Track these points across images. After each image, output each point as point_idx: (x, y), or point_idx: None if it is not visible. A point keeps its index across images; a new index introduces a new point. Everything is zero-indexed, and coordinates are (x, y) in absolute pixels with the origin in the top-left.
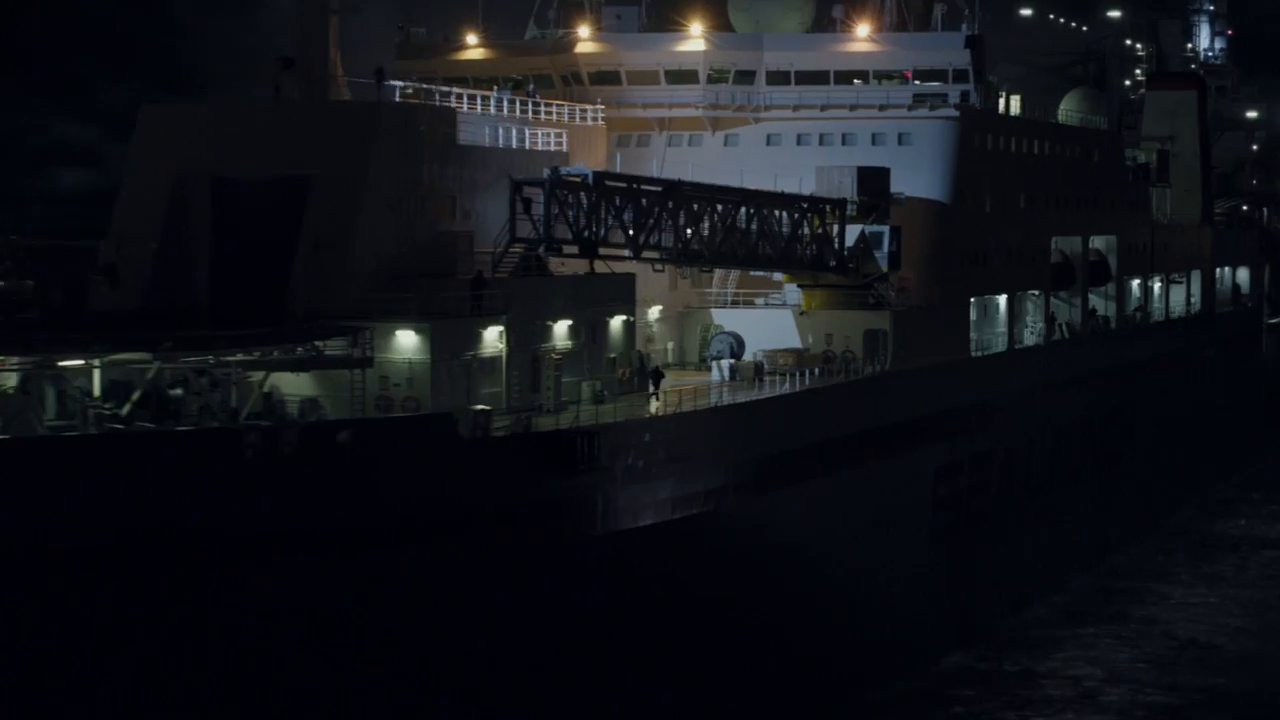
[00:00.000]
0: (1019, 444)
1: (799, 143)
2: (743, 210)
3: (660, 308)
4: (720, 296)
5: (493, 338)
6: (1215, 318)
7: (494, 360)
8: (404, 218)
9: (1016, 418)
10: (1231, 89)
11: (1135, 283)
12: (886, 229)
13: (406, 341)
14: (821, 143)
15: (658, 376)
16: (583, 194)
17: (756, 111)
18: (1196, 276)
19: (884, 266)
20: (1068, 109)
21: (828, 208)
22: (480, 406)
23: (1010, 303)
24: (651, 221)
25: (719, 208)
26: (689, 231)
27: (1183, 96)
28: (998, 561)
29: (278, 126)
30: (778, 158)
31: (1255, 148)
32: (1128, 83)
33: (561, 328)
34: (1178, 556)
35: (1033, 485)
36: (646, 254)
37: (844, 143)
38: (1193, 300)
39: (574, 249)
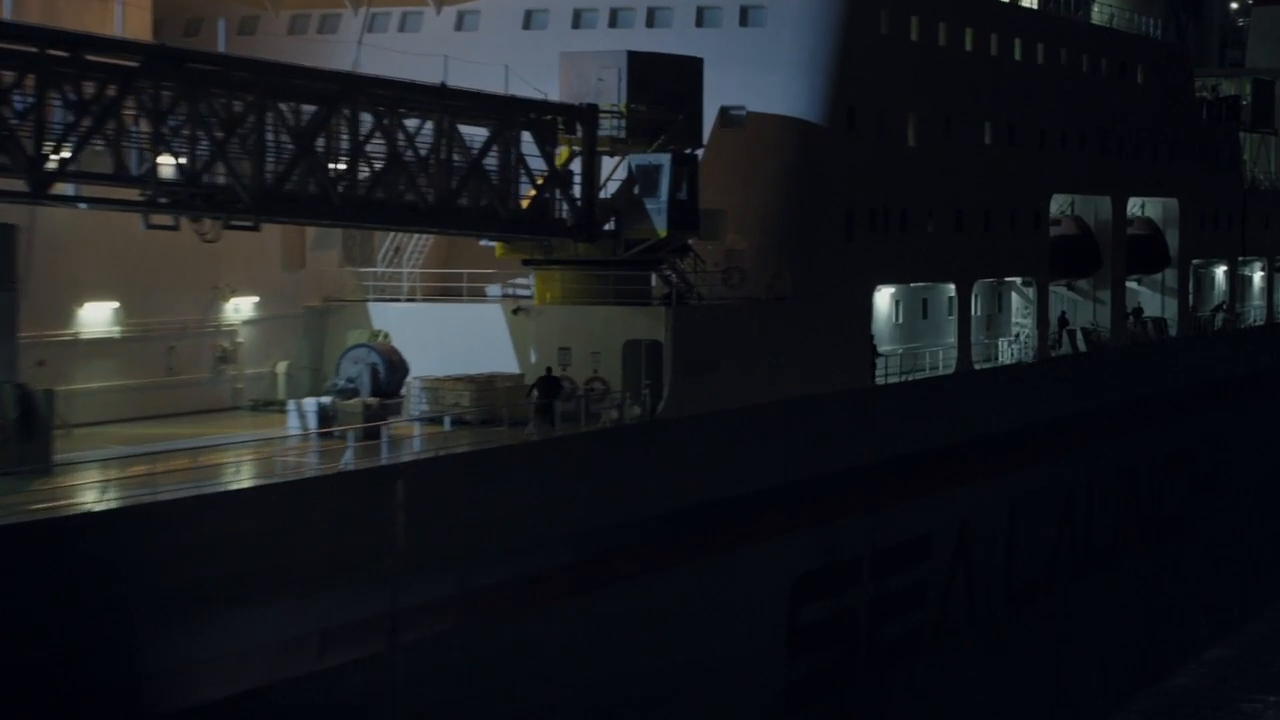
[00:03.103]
0: (985, 526)
1: (577, 24)
2: (348, 115)
3: (257, 299)
4: (389, 283)
5: None
6: None
7: None
8: None
9: (977, 482)
10: None
11: (1220, 270)
12: (666, 160)
13: None
14: (614, 23)
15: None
16: None
17: None
18: None
19: (660, 228)
20: (1104, 4)
21: (561, 122)
22: None
23: (964, 296)
24: (107, 127)
25: (285, 108)
26: (203, 150)
27: None
28: None
29: None
30: (544, 48)
31: None
32: (1234, 5)
33: None
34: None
35: (1016, 588)
36: (67, 190)
37: (651, 23)
38: None
39: None
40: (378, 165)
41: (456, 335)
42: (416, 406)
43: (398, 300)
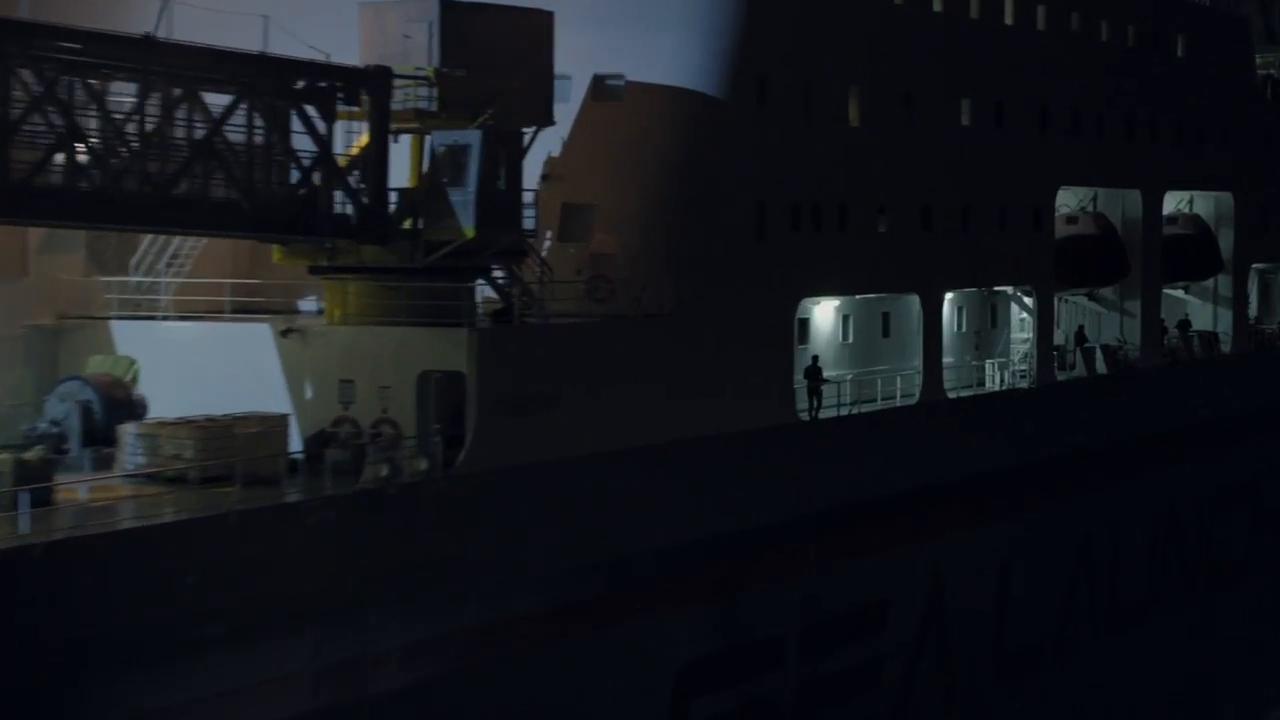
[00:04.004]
0: (966, 585)
1: None
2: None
3: None
4: (145, 295)
5: None
6: None
7: None
8: None
9: (954, 534)
10: None
11: None
12: (475, 139)
13: None
14: None
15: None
16: None
17: None
18: None
19: (465, 226)
20: None
21: (339, 90)
22: None
23: (932, 309)
24: None
25: None
26: None
27: None
28: None
29: None
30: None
31: None
32: None
33: None
34: None
35: (1010, 658)
36: None
37: None
38: None
39: None
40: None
41: (217, 363)
42: (130, 459)
43: (153, 318)
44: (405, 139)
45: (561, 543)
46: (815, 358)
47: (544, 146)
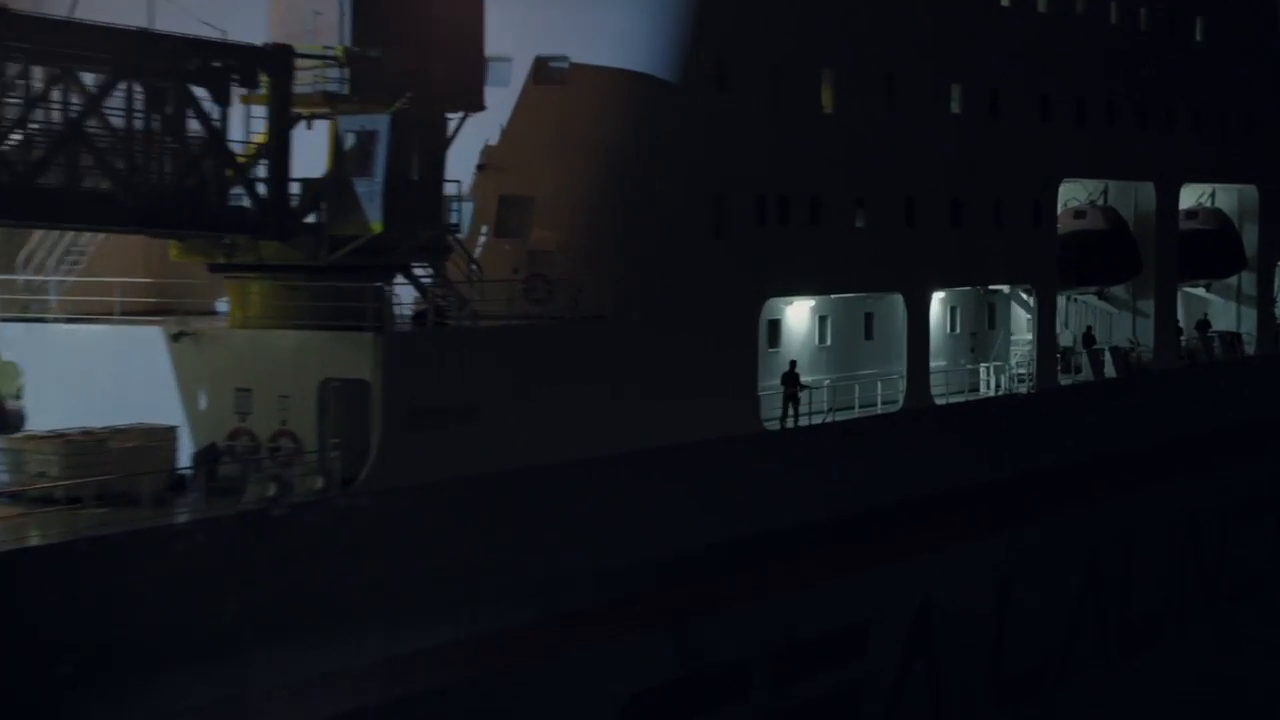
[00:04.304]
0: (958, 605)
1: None
2: None
3: None
4: (35, 295)
5: None
6: None
7: None
8: None
9: (941, 551)
10: None
11: None
12: (383, 124)
13: None
14: None
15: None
16: None
17: None
18: None
19: (371, 219)
20: None
21: (234, 71)
22: None
23: (917, 309)
24: None
25: None
26: None
27: None
28: None
29: None
30: None
31: None
32: None
33: None
34: None
35: (1010, 680)
36: None
37: None
38: None
39: None
40: None
41: (106, 369)
42: None
43: (40, 320)
44: (323, 126)
45: (481, 567)
46: (793, 363)
47: (481, 134)
